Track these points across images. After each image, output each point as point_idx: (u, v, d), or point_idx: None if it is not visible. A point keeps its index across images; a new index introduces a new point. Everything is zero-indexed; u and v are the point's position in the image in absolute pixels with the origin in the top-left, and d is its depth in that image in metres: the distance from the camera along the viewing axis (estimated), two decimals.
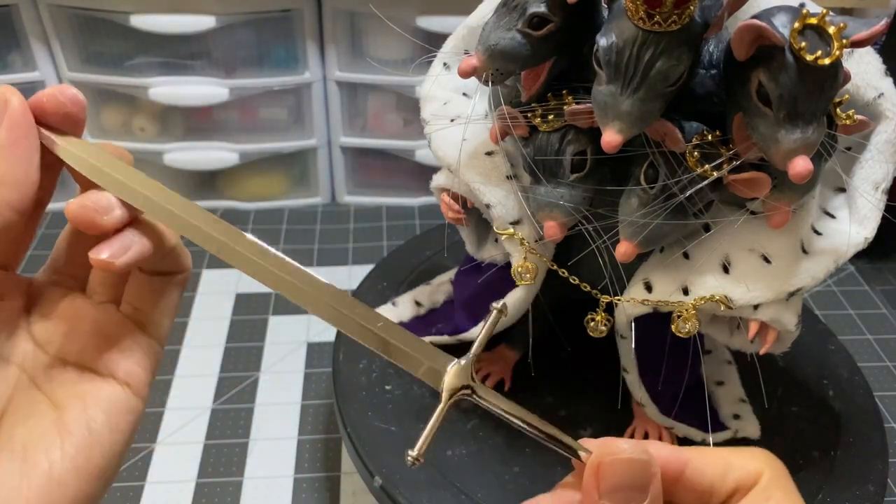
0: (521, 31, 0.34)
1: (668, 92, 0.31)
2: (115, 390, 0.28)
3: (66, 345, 0.28)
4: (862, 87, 0.37)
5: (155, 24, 0.71)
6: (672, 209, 0.34)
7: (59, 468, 0.25)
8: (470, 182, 0.41)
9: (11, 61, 0.75)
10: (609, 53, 0.31)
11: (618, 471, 0.24)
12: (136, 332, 0.29)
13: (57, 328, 0.28)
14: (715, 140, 0.34)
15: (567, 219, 0.37)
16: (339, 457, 0.58)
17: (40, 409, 0.26)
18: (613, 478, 0.24)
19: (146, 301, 0.29)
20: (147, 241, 0.27)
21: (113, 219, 0.26)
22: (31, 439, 0.25)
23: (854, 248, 0.37)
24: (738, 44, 0.30)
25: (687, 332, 0.37)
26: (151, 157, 0.81)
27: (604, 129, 0.32)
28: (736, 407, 0.50)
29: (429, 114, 0.44)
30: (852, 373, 0.55)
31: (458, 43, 0.44)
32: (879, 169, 0.37)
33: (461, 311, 0.50)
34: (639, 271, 0.40)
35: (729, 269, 0.37)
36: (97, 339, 0.28)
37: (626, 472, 0.24)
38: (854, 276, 0.77)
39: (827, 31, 0.29)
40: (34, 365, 0.27)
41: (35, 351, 0.28)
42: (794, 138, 0.30)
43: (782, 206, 0.35)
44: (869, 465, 0.48)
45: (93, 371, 0.28)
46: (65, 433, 0.26)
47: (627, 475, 0.24)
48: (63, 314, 0.28)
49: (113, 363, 0.28)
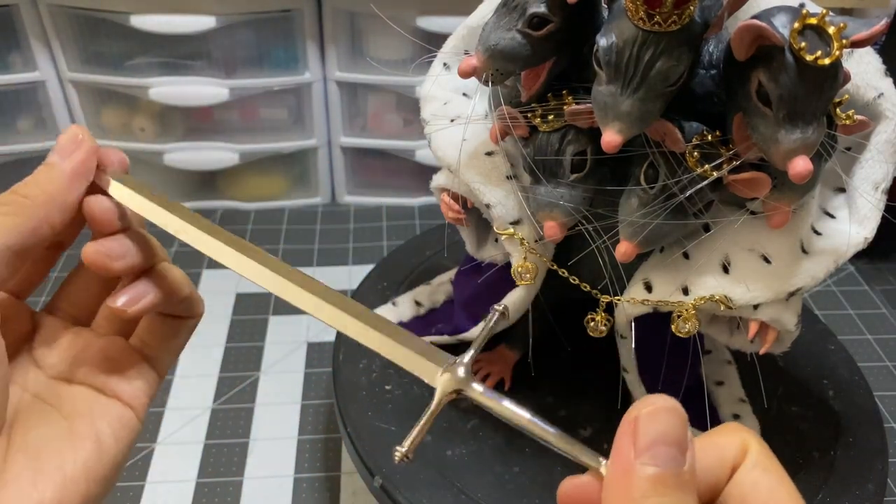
0: (521, 31, 0.34)
1: (668, 92, 0.31)
2: (120, 408, 0.29)
3: (74, 368, 0.30)
4: (862, 87, 0.37)
5: (155, 24, 0.71)
6: (672, 209, 0.34)
7: (71, 470, 0.26)
8: (470, 182, 0.41)
9: (12, 61, 0.76)
10: (609, 54, 0.31)
11: (660, 422, 0.21)
12: (142, 362, 0.31)
13: (64, 353, 0.30)
14: (715, 140, 0.34)
15: (567, 219, 0.37)
16: (339, 457, 0.58)
17: (51, 418, 0.28)
18: (654, 432, 0.21)
19: (156, 339, 0.31)
20: (160, 293, 0.29)
21: (124, 264, 0.29)
22: (44, 442, 0.27)
23: (854, 248, 0.37)
24: (737, 44, 0.30)
25: (687, 332, 0.37)
26: (151, 158, 0.81)
27: (604, 130, 0.32)
28: (736, 407, 0.50)
29: (429, 114, 0.44)
30: (852, 373, 0.55)
31: (458, 43, 0.44)
32: (879, 169, 0.37)
33: (461, 311, 0.50)
34: (639, 271, 0.40)
35: (729, 269, 0.37)
36: (104, 364, 0.30)
37: (668, 424, 0.21)
38: (854, 275, 0.77)
39: (827, 32, 0.29)
40: (39, 384, 0.29)
41: (39, 373, 0.29)
42: (793, 138, 0.30)
43: (782, 206, 0.35)
44: (869, 465, 0.48)
45: (99, 391, 0.29)
46: (76, 439, 0.27)
47: (669, 428, 0.21)
48: (70, 342, 0.30)
49: (118, 387, 0.30)
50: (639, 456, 0.21)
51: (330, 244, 0.80)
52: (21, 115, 0.79)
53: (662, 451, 0.21)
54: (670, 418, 0.21)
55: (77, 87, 0.78)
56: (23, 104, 0.79)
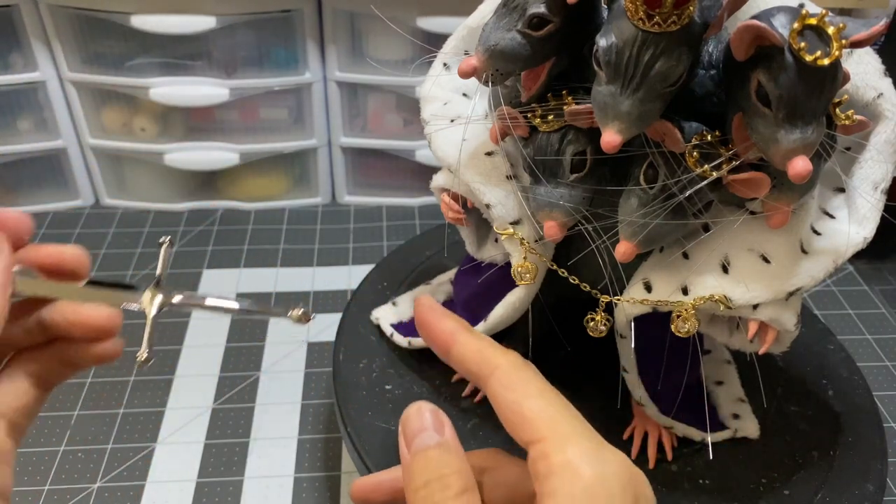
0: (521, 31, 0.34)
1: (668, 92, 0.31)
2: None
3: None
4: (861, 87, 0.37)
5: (155, 24, 0.71)
6: (671, 209, 0.34)
7: None
8: (470, 182, 0.41)
9: (12, 61, 0.76)
10: (609, 54, 0.31)
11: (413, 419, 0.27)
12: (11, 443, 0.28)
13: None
14: (715, 140, 0.34)
15: (567, 219, 0.37)
16: (340, 457, 0.58)
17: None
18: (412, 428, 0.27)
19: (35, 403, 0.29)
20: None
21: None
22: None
23: (853, 249, 0.37)
24: (737, 44, 0.30)
25: (686, 331, 0.37)
26: (152, 158, 0.81)
27: (603, 130, 0.32)
28: (735, 406, 0.50)
29: (429, 114, 0.44)
30: (852, 373, 0.55)
31: (458, 43, 0.44)
32: (879, 169, 0.37)
33: (461, 310, 0.50)
34: (638, 271, 0.40)
35: (728, 269, 0.37)
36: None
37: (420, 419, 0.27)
38: (853, 275, 0.77)
39: (826, 32, 0.29)
40: None
41: None
42: (793, 138, 0.30)
43: (782, 206, 0.35)
44: (868, 465, 0.48)
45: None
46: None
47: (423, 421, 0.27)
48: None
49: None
50: (409, 448, 0.27)
51: (330, 244, 0.80)
52: (21, 115, 0.79)
53: (423, 437, 0.27)
54: (422, 413, 0.27)
55: (77, 88, 0.78)
56: (23, 104, 0.78)
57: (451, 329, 0.29)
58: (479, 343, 0.28)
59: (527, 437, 0.26)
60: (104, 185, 0.85)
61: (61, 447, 0.58)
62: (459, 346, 0.28)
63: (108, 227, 0.83)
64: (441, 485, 0.26)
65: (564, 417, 0.26)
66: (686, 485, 0.46)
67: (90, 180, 0.85)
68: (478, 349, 0.28)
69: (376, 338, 0.55)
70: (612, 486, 0.24)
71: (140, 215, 0.84)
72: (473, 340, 0.28)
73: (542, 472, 0.25)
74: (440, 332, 0.29)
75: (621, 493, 0.24)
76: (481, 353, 0.28)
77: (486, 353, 0.28)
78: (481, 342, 0.28)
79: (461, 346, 0.28)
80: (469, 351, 0.28)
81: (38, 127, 0.80)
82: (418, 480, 0.26)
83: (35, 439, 0.58)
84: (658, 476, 0.47)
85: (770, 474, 0.47)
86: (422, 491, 0.26)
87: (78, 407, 0.61)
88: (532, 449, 0.25)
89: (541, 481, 0.25)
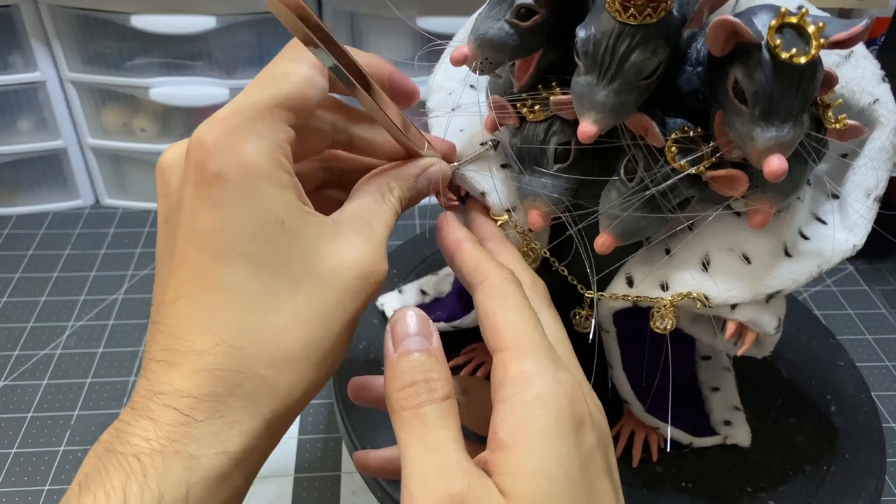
0: (510, 21, 0.34)
1: (643, 85, 0.31)
2: None
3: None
4: (857, 92, 0.36)
5: (155, 24, 0.72)
6: (648, 203, 0.34)
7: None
8: (465, 170, 0.42)
9: (12, 61, 0.76)
10: (587, 44, 0.31)
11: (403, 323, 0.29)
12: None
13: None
14: (697, 136, 0.34)
15: (549, 209, 0.37)
16: (340, 457, 0.58)
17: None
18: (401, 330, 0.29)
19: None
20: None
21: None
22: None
23: (840, 255, 0.36)
24: (712, 40, 0.30)
25: (664, 328, 0.37)
26: (152, 158, 0.81)
27: (580, 120, 0.32)
28: (728, 413, 0.49)
29: (434, 103, 0.45)
30: (859, 390, 0.54)
31: (466, 35, 0.45)
32: (871, 176, 0.36)
33: (456, 298, 0.51)
34: (623, 267, 0.40)
35: (708, 267, 0.37)
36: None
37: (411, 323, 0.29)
38: (853, 276, 0.76)
39: (806, 30, 0.29)
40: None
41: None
42: (768, 136, 0.30)
43: (764, 207, 0.35)
44: (862, 482, 0.47)
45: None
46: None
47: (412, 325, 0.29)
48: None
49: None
50: (396, 349, 0.28)
51: None
52: (21, 115, 0.79)
53: (413, 340, 0.28)
54: (412, 317, 0.29)
55: (77, 88, 0.78)
56: (23, 104, 0.79)
57: (460, 238, 0.33)
58: (480, 255, 0.32)
59: (493, 344, 0.28)
60: (104, 185, 0.85)
61: (61, 447, 0.58)
62: (461, 254, 0.32)
63: (108, 227, 0.83)
64: (427, 387, 0.27)
65: (530, 333, 0.28)
66: (668, 486, 0.46)
67: (90, 180, 0.85)
68: (476, 259, 0.31)
69: (378, 321, 0.57)
70: (561, 400, 0.26)
71: (140, 215, 0.85)
72: (475, 251, 0.32)
73: (499, 380, 0.27)
74: (451, 239, 0.33)
75: (569, 408, 0.26)
76: (478, 262, 0.31)
77: (481, 264, 0.31)
78: (481, 254, 0.32)
79: (463, 254, 0.32)
80: (468, 258, 0.32)
81: (38, 127, 0.80)
82: (405, 379, 0.27)
83: (35, 439, 0.59)
84: (641, 476, 0.47)
85: (756, 483, 0.46)
86: (408, 390, 0.27)
87: (78, 407, 0.61)
88: (495, 357, 0.27)
89: (496, 387, 0.27)
